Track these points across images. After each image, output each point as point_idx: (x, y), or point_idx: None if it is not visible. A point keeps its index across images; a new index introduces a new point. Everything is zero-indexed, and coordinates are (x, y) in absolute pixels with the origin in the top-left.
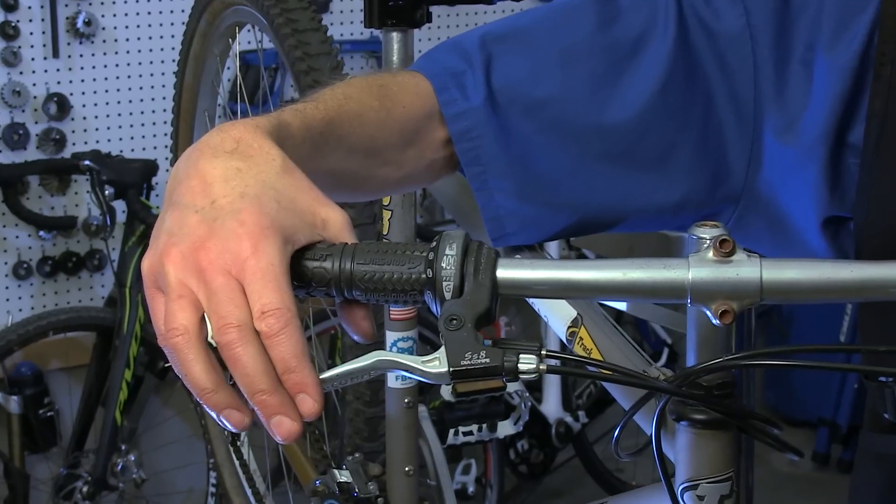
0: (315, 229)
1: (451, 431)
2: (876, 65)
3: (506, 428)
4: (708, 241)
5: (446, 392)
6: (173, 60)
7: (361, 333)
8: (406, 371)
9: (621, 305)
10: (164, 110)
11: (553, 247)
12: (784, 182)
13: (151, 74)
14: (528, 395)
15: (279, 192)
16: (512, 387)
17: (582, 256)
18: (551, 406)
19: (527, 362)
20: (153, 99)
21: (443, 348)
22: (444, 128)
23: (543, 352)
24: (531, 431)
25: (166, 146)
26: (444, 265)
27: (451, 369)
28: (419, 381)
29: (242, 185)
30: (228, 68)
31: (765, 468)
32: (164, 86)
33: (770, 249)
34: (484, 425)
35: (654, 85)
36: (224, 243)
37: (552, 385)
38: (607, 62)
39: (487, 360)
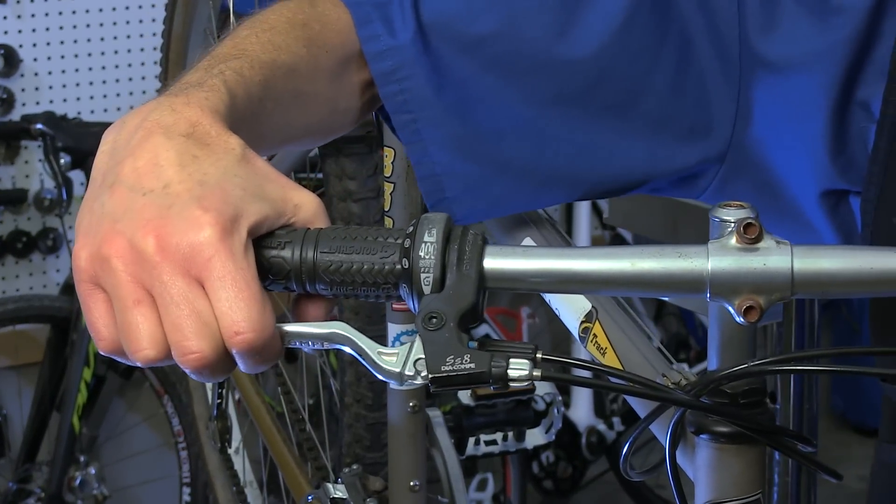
0: (285, 216)
1: (471, 440)
2: None
3: (535, 437)
4: (732, 225)
5: (464, 395)
6: (140, 7)
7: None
8: (358, 354)
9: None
10: (130, 65)
11: (583, 227)
12: (778, 141)
13: (114, 23)
14: (559, 398)
15: (243, 180)
16: (540, 388)
17: (617, 236)
18: (581, 412)
19: (518, 368)
20: (117, 52)
21: (407, 345)
22: (367, 69)
23: (539, 355)
24: (558, 441)
25: (132, 107)
26: (421, 254)
27: (431, 376)
28: (371, 371)
29: (201, 174)
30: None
31: (832, 484)
32: (128, 36)
33: None
34: (510, 433)
35: (615, 22)
36: (183, 233)
37: (582, 388)
38: None
39: (472, 365)
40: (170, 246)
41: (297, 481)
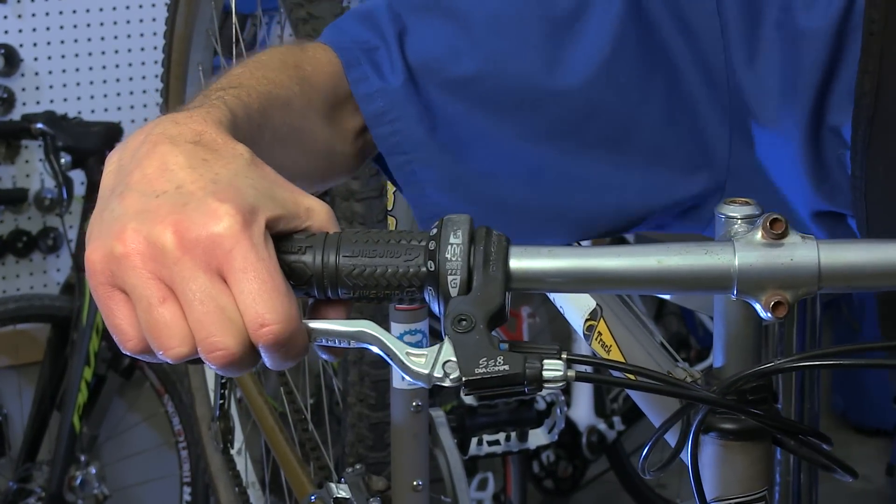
0: (298, 219)
1: (474, 440)
2: (864, 33)
3: (538, 437)
4: (738, 222)
5: None
6: (140, 6)
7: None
8: (386, 354)
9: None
10: (130, 65)
11: None
12: (772, 166)
13: (115, 23)
14: (562, 398)
15: (254, 181)
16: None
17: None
18: (582, 411)
19: (553, 369)
20: (117, 52)
21: (436, 346)
22: (358, 113)
23: (564, 355)
24: (559, 441)
25: (132, 107)
26: (448, 256)
27: (465, 378)
28: (399, 372)
29: (212, 173)
30: None
31: (833, 483)
32: (129, 36)
33: None
34: (513, 434)
35: (600, 57)
36: (202, 225)
37: (582, 387)
38: (542, 33)
39: (506, 367)
40: (190, 240)
41: (300, 481)
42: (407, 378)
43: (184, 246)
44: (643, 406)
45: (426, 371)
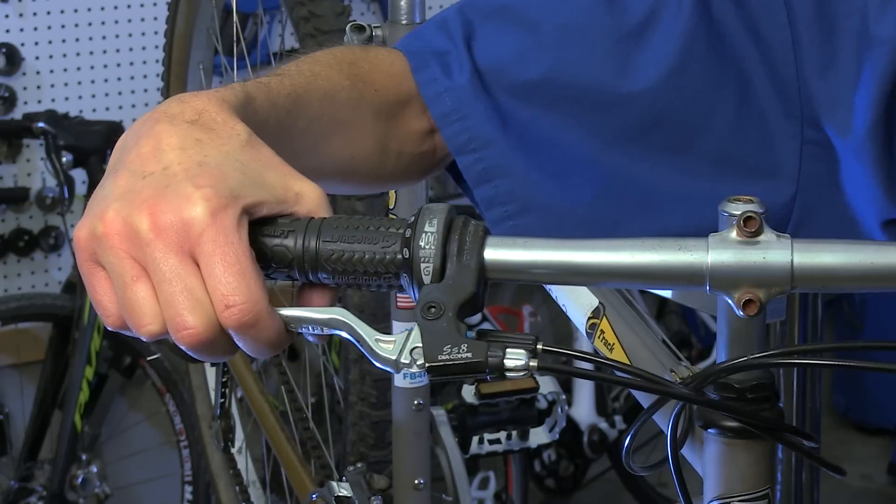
0: (285, 204)
1: (475, 439)
2: None
3: (539, 436)
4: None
5: (468, 393)
6: (141, 5)
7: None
8: (356, 340)
9: (664, 291)
10: (132, 64)
11: None
12: (844, 175)
13: (116, 22)
14: (563, 397)
15: (244, 164)
16: (544, 387)
17: None
18: (583, 410)
19: (515, 358)
20: (118, 50)
21: (405, 333)
22: (425, 115)
23: (539, 346)
24: (560, 440)
25: (133, 105)
26: (422, 244)
27: (427, 364)
28: (368, 357)
29: (201, 155)
30: None
31: (834, 482)
32: (130, 35)
33: None
34: (514, 432)
35: (668, 64)
36: (175, 211)
37: (584, 386)
38: (611, 40)
39: (469, 354)
40: (163, 224)
41: (301, 480)
42: (376, 364)
43: (157, 229)
44: (643, 403)
45: (394, 357)
